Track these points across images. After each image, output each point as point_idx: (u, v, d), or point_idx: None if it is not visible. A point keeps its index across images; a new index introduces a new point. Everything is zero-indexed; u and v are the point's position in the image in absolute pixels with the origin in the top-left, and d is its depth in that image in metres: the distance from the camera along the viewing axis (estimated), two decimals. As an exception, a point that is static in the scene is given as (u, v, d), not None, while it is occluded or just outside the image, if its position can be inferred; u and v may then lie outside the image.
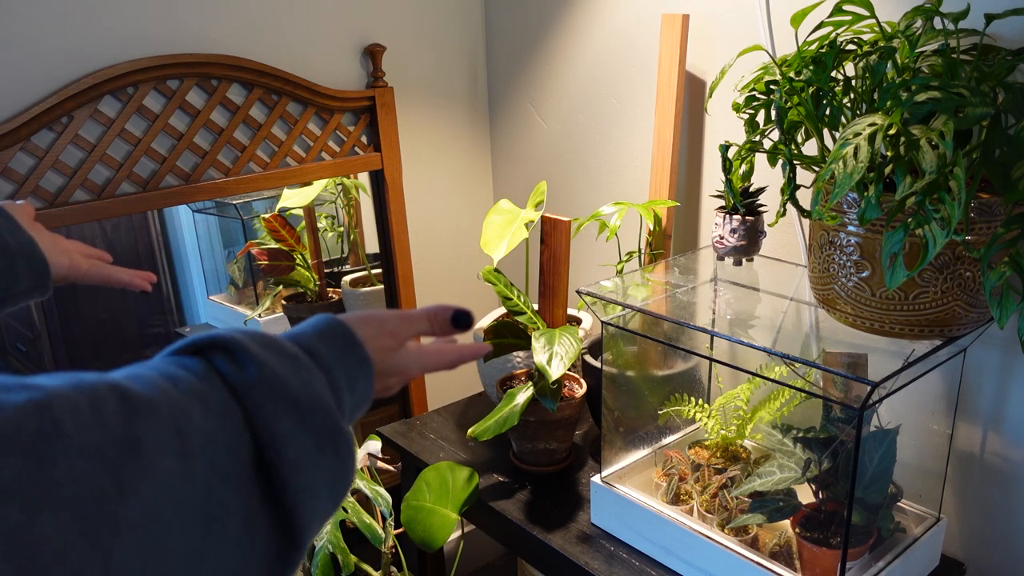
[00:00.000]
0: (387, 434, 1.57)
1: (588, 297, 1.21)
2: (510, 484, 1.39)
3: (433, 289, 1.91)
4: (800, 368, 1.05)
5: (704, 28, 1.39)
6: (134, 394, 0.42)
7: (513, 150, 1.89)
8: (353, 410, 0.57)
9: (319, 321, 0.58)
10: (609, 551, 1.20)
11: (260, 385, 0.48)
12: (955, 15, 0.93)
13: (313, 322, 0.57)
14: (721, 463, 1.20)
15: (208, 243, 1.79)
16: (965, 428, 1.17)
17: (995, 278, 0.84)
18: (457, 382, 1.99)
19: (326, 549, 1.34)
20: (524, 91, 1.81)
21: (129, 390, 0.42)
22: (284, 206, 1.74)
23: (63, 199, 1.34)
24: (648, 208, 1.39)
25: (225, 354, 0.49)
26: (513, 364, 1.49)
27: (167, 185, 1.44)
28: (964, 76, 0.90)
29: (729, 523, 1.12)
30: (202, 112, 1.45)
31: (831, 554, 1.02)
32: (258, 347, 0.50)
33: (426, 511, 1.35)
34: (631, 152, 1.61)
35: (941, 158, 0.80)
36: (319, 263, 1.86)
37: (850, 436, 1.00)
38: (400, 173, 1.73)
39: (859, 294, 0.97)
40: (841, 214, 0.97)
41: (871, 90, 0.95)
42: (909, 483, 1.14)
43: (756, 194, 1.21)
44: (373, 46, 1.63)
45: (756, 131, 1.07)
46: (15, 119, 1.26)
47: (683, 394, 1.27)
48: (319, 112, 1.60)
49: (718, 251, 1.25)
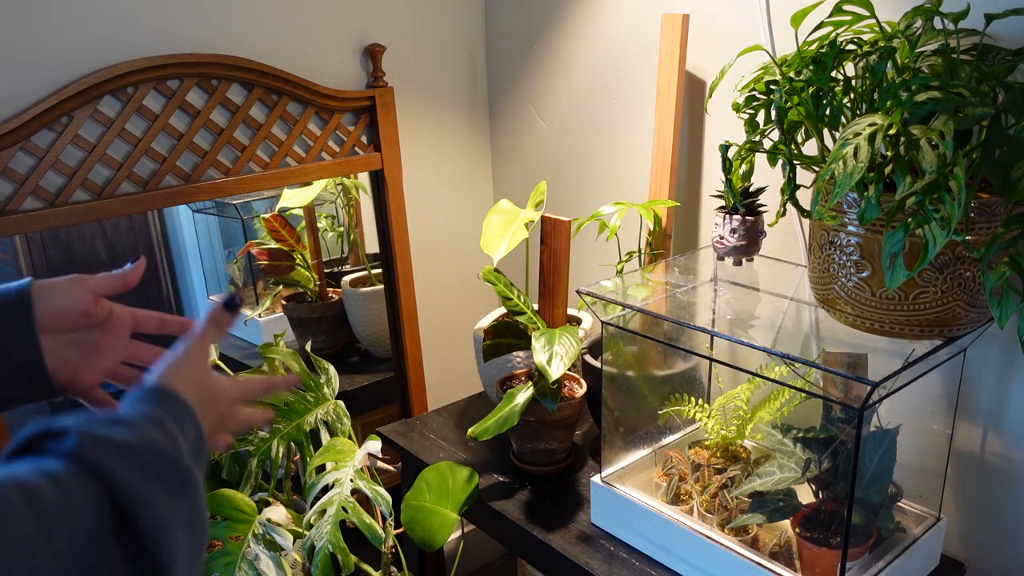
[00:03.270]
0: (387, 434, 1.57)
1: (588, 297, 1.21)
2: (510, 484, 1.39)
3: (433, 289, 1.91)
4: (800, 368, 1.05)
5: (704, 28, 1.39)
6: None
7: (513, 150, 1.89)
8: (192, 455, 0.58)
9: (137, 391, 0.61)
10: (609, 551, 1.20)
11: (87, 442, 0.50)
12: (955, 15, 0.93)
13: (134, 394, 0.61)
14: (721, 463, 1.20)
15: (208, 243, 1.79)
16: (965, 428, 1.17)
17: (995, 278, 0.84)
18: (457, 382, 1.99)
19: (326, 549, 1.34)
20: (524, 91, 1.81)
21: None
22: (284, 206, 1.74)
23: (63, 199, 1.34)
24: (648, 208, 1.39)
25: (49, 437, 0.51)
26: (513, 364, 1.49)
27: (167, 185, 1.44)
28: (964, 76, 0.89)
29: (729, 523, 1.12)
30: (202, 112, 1.45)
31: (831, 554, 1.02)
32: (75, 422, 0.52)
33: (426, 511, 1.35)
34: (631, 152, 1.61)
35: (941, 158, 0.80)
36: (319, 263, 1.86)
37: (850, 436, 1.00)
38: (400, 173, 1.73)
39: (859, 294, 0.97)
40: (841, 214, 0.97)
41: (871, 90, 0.95)
42: (909, 483, 1.14)
43: (756, 194, 1.21)
44: (373, 46, 1.63)
45: (756, 131, 1.07)
46: (15, 119, 1.26)
47: (683, 394, 1.27)
48: (319, 112, 1.60)
49: (718, 251, 1.25)
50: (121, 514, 0.49)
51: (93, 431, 0.51)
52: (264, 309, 1.83)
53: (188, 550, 0.52)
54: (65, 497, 0.47)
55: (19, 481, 0.46)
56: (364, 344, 1.91)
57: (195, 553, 0.53)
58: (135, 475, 0.50)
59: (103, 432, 0.51)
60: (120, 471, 0.50)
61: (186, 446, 0.57)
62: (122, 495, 0.49)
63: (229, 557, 1.30)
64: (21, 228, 1.30)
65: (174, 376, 0.64)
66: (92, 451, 0.49)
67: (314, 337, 1.86)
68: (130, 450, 0.51)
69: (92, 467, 0.49)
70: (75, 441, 0.50)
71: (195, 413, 0.61)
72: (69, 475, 0.48)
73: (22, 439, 0.52)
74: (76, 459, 0.49)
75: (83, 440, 0.50)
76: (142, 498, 0.50)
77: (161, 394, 0.60)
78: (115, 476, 0.49)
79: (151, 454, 0.52)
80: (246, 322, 1.81)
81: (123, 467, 0.50)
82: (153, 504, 0.50)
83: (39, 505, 0.45)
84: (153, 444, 0.53)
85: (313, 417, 1.50)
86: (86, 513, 0.47)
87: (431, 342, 1.91)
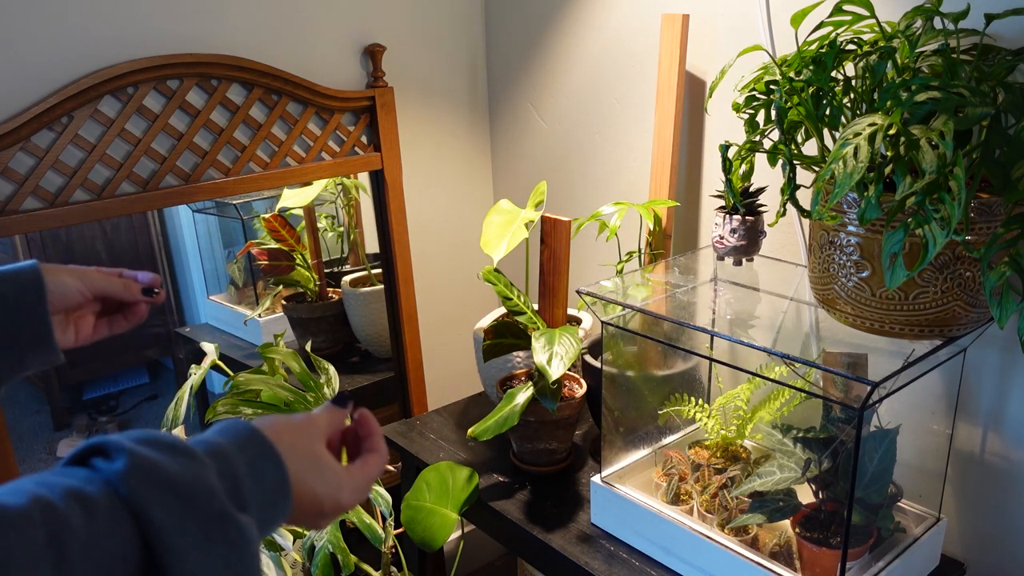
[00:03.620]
0: (387, 434, 1.57)
1: (588, 297, 1.21)
2: (510, 484, 1.39)
3: (433, 289, 1.91)
4: (800, 368, 1.05)
5: (704, 28, 1.39)
6: (4, 506, 0.42)
7: (513, 150, 1.89)
8: (264, 504, 0.54)
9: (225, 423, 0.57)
10: (609, 551, 1.20)
11: (133, 472, 0.47)
12: (955, 15, 0.93)
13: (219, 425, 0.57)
14: (721, 463, 1.20)
15: (208, 243, 1.79)
16: (965, 428, 1.17)
17: (995, 278, 0.84)
18: (457, 382, 1.99)
19: (326, 549, 1.34)
20: (524, 91, 1.81)
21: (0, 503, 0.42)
22: (284, 206, 1.74)
23: (63, 199, 1.34)
24: (648, 208, 1.39)
25: (101, 454, 0.49)
26: (513, 364, 1.49)
27: (167, 185, 1.44)
28: (964, 76, 0.90)
29: (729, 523, 1.12)
30: (202, 112, 1.45)
31: (831, 554, 1.02)
32: (133, 442, 0.49)
33: (426, 511, 1.35)
34: (631, 152, 1.61)
35: (941, 158, 0.80)
36: (319, 263, 1.86)
37: (850, 436, 1.00)
38: (400, 173, 1.73)
39: (859, 294, 0.97)
40: (841, 214, 0.97)
41: (871, 90, 0.95)
42: (909, 483, 1.14)
43: (756, 194, 1.21)
44: (373, 46, 1.63)
45: (756, 131, 1.07)
46: (15, 119, 1.26)
47: (683, 394, 1.27)
48: (319, 112, 1.60)
49: (718, 251, 1.25)
50: (151, 555, 0.47)
51: (146, 454, 0.48)
52: (264, 309, 1.83)
53: None
54: (92, 535, 0.44)
55: (46, 503, 0.43)
56: (364, 344, 1.91)
57: None
58: (172, 519, 0.47)
59: (153, 458, 0.48)
60: (156, 512, 0.46)
61: (256, 490, 0.53)
62: (153, 537, 0.46)
63: (229, 557, 1.30)
64: (21, 228, 1.30)
65: (273, 424, 0.59)
66: (137, 483, 0.46)
67: (314, 337, 1.86)
68: (173, 487, 0.48)
69: (131, 502, 0.46)
70: (124, 466, 0.47)
71: (280, 458, 0.56)
72: (105, 507, 0.45)
73: (75, 453, 0.49)
74: (118, 488, 0.46)
75: (132, 466, 0.47)
76: (173, 547, 0.46)
77: (244, 430, 0.56)
78: (152, 518, 0.46)
79: (195, 495, 0.48)
80: (246, 322, 1.81)
81: (161, 508, 0.47)
82: (184, 555, 0.47)
83: (60, 543, 0.42)
84: (200, 482, 0.49)
85: (313, 417, 1.50)
86: (114, 556, 0.45)
87: (431, 342, 1.91)
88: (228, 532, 0.49)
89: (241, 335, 1.82)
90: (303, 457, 0.59)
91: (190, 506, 0.48)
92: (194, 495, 0.48)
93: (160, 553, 0.46)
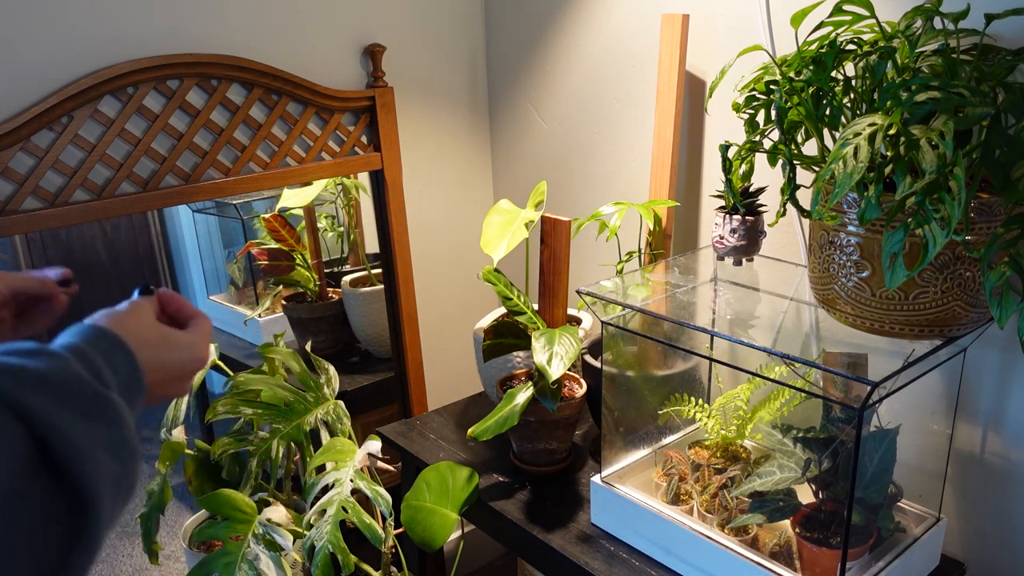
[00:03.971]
0: (387, 434, 1.57)
1: (588, 297, 1.21)
2: (510, 484, 1.39)
3: (433, 289, 1.91)
4: (800, 368, 1.05)
5: (704, 28, 1.39)
6: None
7: (513, 150, 1.89)
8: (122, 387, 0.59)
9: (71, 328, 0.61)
10: (609, 551, 1.20)
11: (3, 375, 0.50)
12: (955, 15, 0.93)
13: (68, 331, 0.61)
14: (721, 463, 1.20)
15: (208, 243, 1.79)
16: (965, 428, 1.17)
17: (995, 278, 0.84)
18: (457, 382, 1.99)
19: (326, 549, 1.34)
20: (524, 91, 1.81)
21: None
22: (284, 206, 1.74)
23: (63, 199, 1.34)
24: (648, 208, 1.39)
25: None
26: (513, 364, 1.49)
27: (167, 185, 1.44)
28: (964, 76, 0.90)
29: (729, 523, 1.12)
30: (202, 112, 1.45)
31: (831, 554, 1.02)
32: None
33: (426, 511, 1.35)
34: (631, 152, 1.61)
35: (941, 158, 0.80)
36: (319, 263, 1.86)
37: (850, 436, 1.00)
38: (400, 173, 1.73)
39: (859, 294, 0.97)
40: (841, 214, 0.97)
41: (871, 90, 0.95)
42: (909, 483, 1.14)
43: (756, 194, 1.21)
44: (373, 46, 1.63)
45: (756, 131, 1.07)
46: (15, 119, 1.26)
47: (683, 394, 1.27)
48: (319, 112, 1.60)
49: (718, 251, 1.25)
50: (42, 445, 0.50)
51: (8, 363, 0.51)
52: (264, 309, 1.83)
53: (115, 475, 0.53)
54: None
55: None
56: (364, 344, 1.91)
57: (124, 478, 0.54)
58: (49, 405, 0.50)
59: (17, 363, 0.52)
60: (34, 402, 0.50)
61: (115, 379, 0.58)
62: (38, 427, 0.49)
63: (229, 557, 1.30)
64: (21, 228, 1.30)
65: (110, 318, 0.65)
66: (8, 382, 0.50)
67: (314, 337, 1.86)
68: (44, 380, 0.51)
69: (9, 399, 0.49)
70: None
71: (129, 348, 0.61)
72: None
73: None
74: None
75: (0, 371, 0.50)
76: (57, 428, 0.50)
77: (90, 330, 0.61)
78: (30, 407, 0.49)
79: (66, 383, 0.53)
80: (246, 322, 1.81)
81: (37, 398, 0.50)
82: (69, 434, 0.50)
83: None
84: (68, 373, 0.53)
85: (313, 417, 1.50)
86: (7, 447, 0.48)
87: (431, 342, 1.92)
88: (105, 410, 0.54)
89: (241, 335, 1.82)
90: (149, 337, 0.66)
91: (63, 391, 0.52)
92: (66, 381, 0.53)
93: (50, 443, 0.50)
